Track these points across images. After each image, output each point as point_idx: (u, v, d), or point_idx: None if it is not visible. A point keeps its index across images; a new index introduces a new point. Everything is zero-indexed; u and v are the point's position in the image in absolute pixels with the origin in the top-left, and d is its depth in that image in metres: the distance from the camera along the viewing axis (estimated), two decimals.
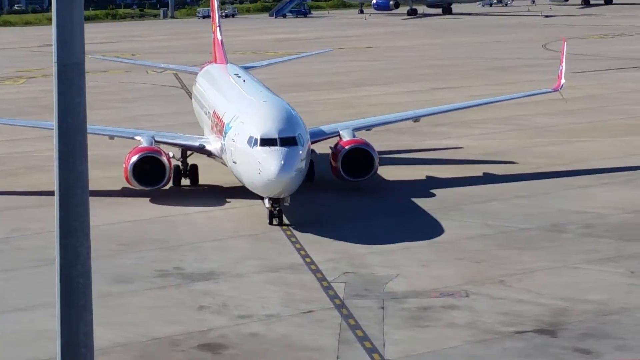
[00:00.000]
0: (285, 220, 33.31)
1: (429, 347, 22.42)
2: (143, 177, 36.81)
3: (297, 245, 31.01)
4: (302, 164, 33.28)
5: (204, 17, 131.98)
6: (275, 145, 32.41)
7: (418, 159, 45.93)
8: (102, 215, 33.05)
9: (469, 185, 40.44)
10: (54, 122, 10.08)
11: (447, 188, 39.28)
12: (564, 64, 47.16)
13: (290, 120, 34.91)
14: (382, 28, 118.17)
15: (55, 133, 10.00)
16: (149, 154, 37.01)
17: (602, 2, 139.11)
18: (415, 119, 45.79)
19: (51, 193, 11.01)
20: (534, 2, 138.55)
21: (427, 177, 41.56)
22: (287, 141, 32.86)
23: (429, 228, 33.70)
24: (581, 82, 70.04)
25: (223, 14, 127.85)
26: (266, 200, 33.12)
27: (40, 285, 26.28)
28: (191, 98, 52.50)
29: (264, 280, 27.94)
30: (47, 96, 57.43)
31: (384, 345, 22.27)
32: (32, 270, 29.07)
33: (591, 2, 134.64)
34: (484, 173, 42.47)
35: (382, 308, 25.16)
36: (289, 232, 32.61)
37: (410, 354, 22.05)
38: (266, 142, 32.51)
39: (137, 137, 39.94)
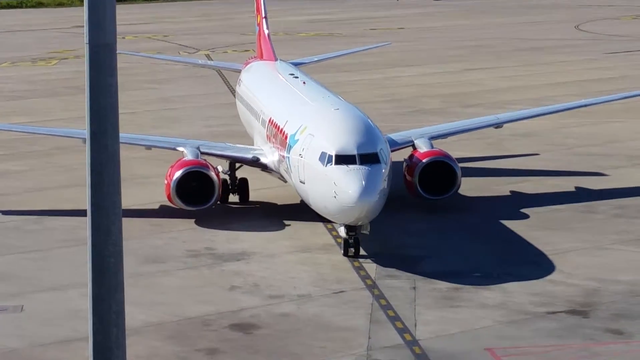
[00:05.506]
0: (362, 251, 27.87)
1: (460, 327, 22.30)
2: (188, 195, 31.23)
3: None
4: (385, 184, 27.49)
5: None
6: (355, 163, 27.16)
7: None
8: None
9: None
10: (85, 103, 10.00)
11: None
12: None
13: (369, 132, 28.98)
14: (413, 9, 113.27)
15: (87, 113, 9.91)
16: (196, 169, 31.31)
17: None
18: (498, 125, 39.04)
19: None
20: None
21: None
22: (367, 158, 27.37)
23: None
24: (614, 63, 69.33)
25: None
26: (342, 228, 27.56)
27: (72, 265, 26.48)
28: (234, 96, 45.89)
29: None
30: (79, 77, 54.30)
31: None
32: (64, 250, 29.10)
33: None
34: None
35: (414, 288, 24.96)
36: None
37: (441, 334, 21.97)
38: (343, 159, 27.22)
39: (180, 148, 33.58)
